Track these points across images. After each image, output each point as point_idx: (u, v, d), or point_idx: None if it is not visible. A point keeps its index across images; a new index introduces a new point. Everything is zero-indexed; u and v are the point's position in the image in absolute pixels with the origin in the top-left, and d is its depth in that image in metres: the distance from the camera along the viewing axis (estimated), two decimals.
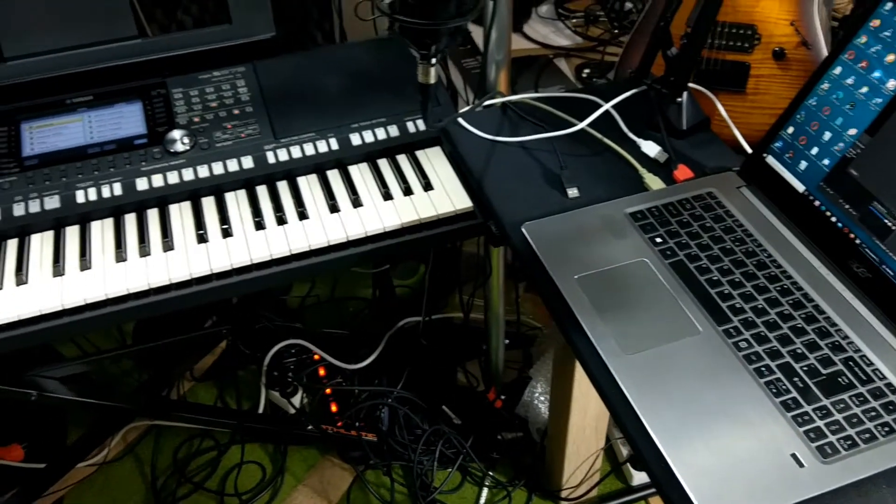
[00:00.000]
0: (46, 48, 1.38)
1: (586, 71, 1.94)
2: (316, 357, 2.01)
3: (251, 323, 2.04)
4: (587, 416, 1.54)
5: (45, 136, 1.33)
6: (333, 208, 1.27)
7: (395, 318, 2.12)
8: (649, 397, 0.83)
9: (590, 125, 1.22)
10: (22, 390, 1.44)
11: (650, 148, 1.17)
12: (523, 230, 1.07)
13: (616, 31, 2.02)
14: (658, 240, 1.01)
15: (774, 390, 0.84)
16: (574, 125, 1.22)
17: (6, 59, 1.37)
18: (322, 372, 2.01)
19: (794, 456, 0.78)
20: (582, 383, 1.44)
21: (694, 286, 0.95)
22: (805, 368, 0.86)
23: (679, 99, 1.17)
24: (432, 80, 0.99)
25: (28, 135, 1.32)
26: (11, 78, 1.37)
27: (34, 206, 1.24)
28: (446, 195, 1.29)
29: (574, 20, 2.07)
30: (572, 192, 1.14)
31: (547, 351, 2.02)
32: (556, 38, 2.03)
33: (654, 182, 1.12)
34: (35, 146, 1.31)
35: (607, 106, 1.22)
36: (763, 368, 0.86)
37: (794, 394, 0.83)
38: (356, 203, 1.27)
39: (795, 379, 0.85)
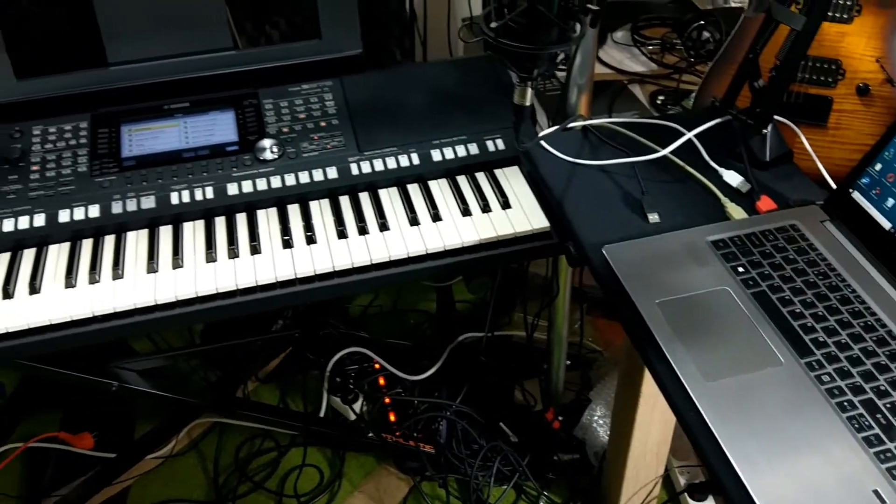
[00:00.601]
0: (148, 56, 1.45)
1: (661, 98, 1.95)
2: (377, 366, 2.05)
3: (317, 329, 2.08)
4: (648, 442, 1.54)
5: (143, 139, 1.39)
6: (413, 221, 1.30)
7: (455, 332, 2.14)
8: (730, 425, 0.84)
9: (672, 152, 1.23)
10: (105, 380, 1.50)
11: (732, 177, 1.18)
12: (604, 252, 1.08)
13: (692, 59, 2.02)
14: (740, 269, 1.02)
15: (857, 425, 0.84)
16: (656, 151, 1.24)
17: (110, 65, 1.44)
18: (382, 381, 2.05)
19: (875, 492, 0.79)
20: (645, 409, 1.45)
21: (776, 317, 0.96)
22: (888, 405, 0.86)
23: (764, 130, 1.18)
24: (528, 103, 1.02)
25: (127, 137, 1.39)
26: (114, 82, 1.44)
27: (131, 205, 1.30)
28: (524, 214, 1.31)
29: (650, 47, 2.09)
30: (653, 218, 1.16)
31: (607, 375, 2.02)
32: (631, 64, 2.05)
33: (736, 211, 1.13)
34: (134, 148, 1.37)
35: (690, 135, 1.23)
36: (845, 403, 0.86)
37: (877, 430, 0.83)
38: (435, 217, 1.31)
39: (878, 415, 0.85)
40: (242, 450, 1.96)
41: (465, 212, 1.32)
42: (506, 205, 1.33)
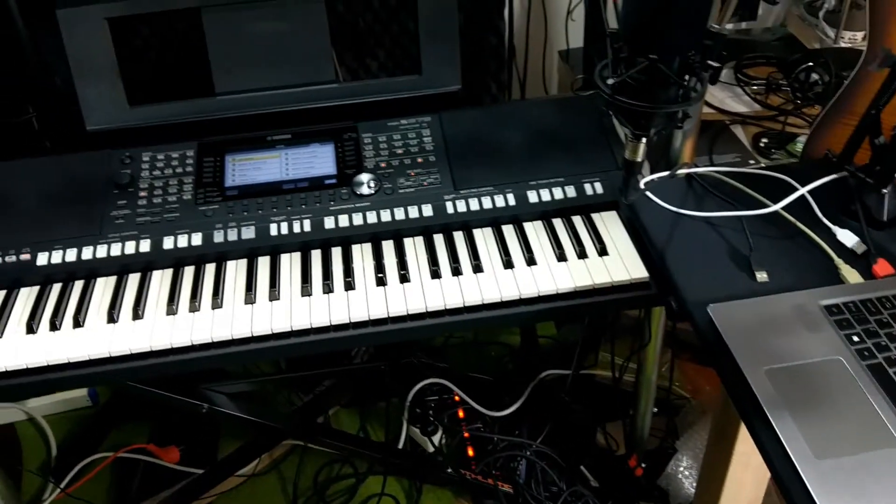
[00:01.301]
0: (253, 87, 1.49)
1: (764, 140, 1.89)
2: (456, 398, 2.04)
3: (399, 357, 2.09)
4: (738, 501, 1.48)
5: (245, 169, 1.42)
6: (508, 264, 1.29)
7: (538, 368, 2.11)
8: None
9: (783, 208, 1.18)
10: (195, 402, 1.54)
11: (847, 237, 1.13)
12: (709, 312, 1.05)
13: (799, 101, 1.95)
14: (855, 338, 0.97)
15: None
16: (766, 206, 1.19)
17: (217, 95, 1.48)
18: (462, 414, 2.03)
19: None
20: (737, 468, 1.39)
21: (893, 393, 0.90)
22: None
23: (883, 190, 1.12)
24: (639, 158, 0.99)
25: (231, 167, 1.42)
26: (220, 112, 1.48)
27: (232, 235, 1.32)
28: (621, 262, 1.28)
29: (754, 87, 2.02)
30: (761, 277, 1.11)
31: (695, 423, 1.96)
32: (733, 104, 1.99)
33: (851, 274, 1.07)
34: (237, 178, 1.41)
35: (804, 190, 1.18)
36: None
37: None
38: (530, 261, 1.29)
39: None
40: (322, 473, 1.97)
41: (561, 257, 1.30)
42: (603, 252, 1.30)
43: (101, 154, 1.43)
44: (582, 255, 1.30)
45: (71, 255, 1.29)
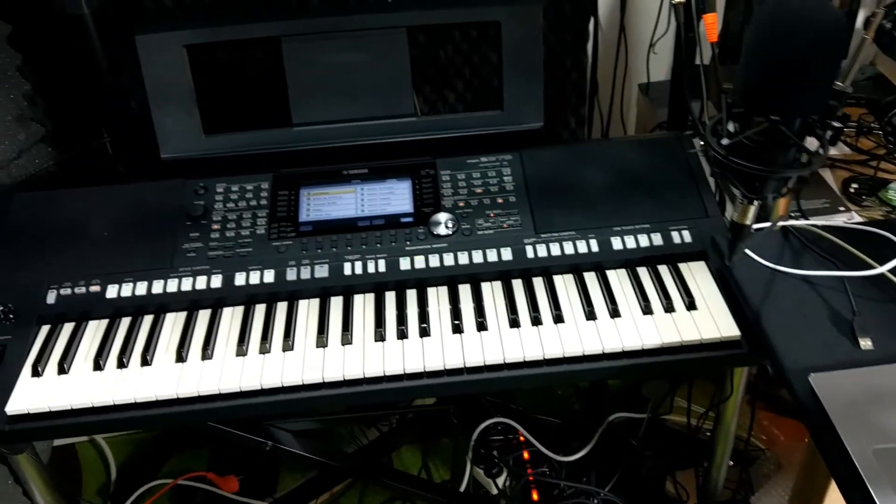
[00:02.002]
0: (331, 118, 1.46)
1: (854, 186, 1.78)
2: (522, 439, 1.97)
3: (465, 396, 2.03)
4: None
5: (320, 204, 1.39)
6: (590, 315, 1.22)
7: (606, 410, 2.03)
8: None
9: (889, 270, 1.09)
10: (259, 440, 1.50)
11: None
12: (811, 382, 0.97)
13: (891, 146, 1.84)
14: None
15: None
16: (870, 267, 1.10)
17: (294, 125, 1.45)
18: (527, 455, 1.96)
19: None
20: None
21: None
22: None
23: None
24: (749, 222, 0.92)
25: (306, 201, 1.39)
26: (296, 143, 1.45)
27: (305, 273, 1.29)
28: (711, 318, 1.21)
29: (843, 129, 1.92)
30: (865, 344, 1.03)
31: (771, 476, 1.86)
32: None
33: None
34: (311, 213, 1.37)
35: None
36: None
37: None
38: (614, 313, 1.22)
39: None
40: None
41: (647, 310, 1.23)
42: (691, 305, 1.23)
43: (175, 183, 1.41)
44: (669, 308, 1.23)
45: (141, 288, 1.27)
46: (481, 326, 1.21)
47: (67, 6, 1.38)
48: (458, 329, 1.21)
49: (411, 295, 1.28)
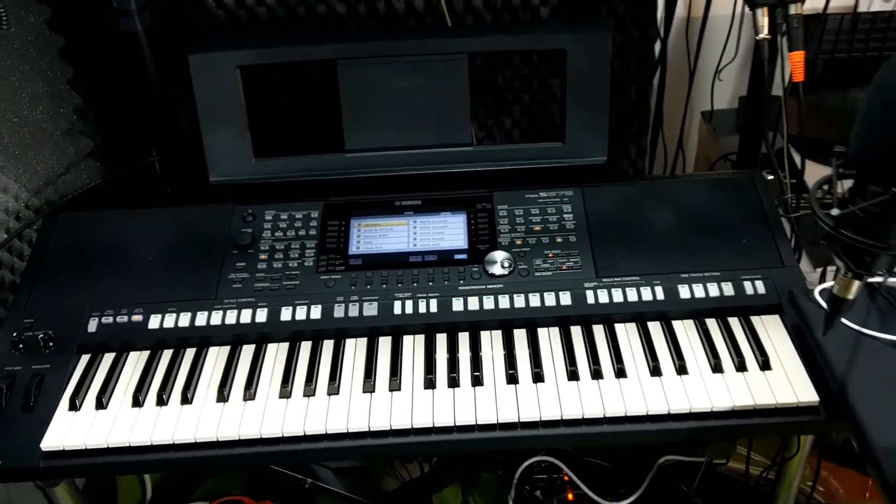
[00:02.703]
0: (385, 145, 1.40)
1: None
2: (566, 478, 1.88)
3: None
4: None
5: (371, 235, 1.33)
6: (655, 371, 1.14)
7: (656, 451, 1.94)
8: None
9: None
10: (298, 476, 1.45)
11: None
12: None
13: None
14: None
15: None
16: None
17: (347, 152, 1.40)
18: (571, 497, 1.88)
19: None
20: None
21: None
22: None
23: None
24: (851, 297, 0.84)
25: (356, 232, 1.33)
26: (349, 170, 1.40)
27: (353, 310, 1.23)
28: (787, 380, 1.12)
29: None
30: None
31: None
32: None
33: None
34: (361, 245, 1.31)
35: None
36: None
37: None
38: (681, 370, 1.14)
39: None
40: None
41: (716, 368, 1.14)
42: (765, 365, 1.14)
43: (223, 209, 1.37)
44: (741, 367, 1.14)
45: (184, 319, 1.22)
46: (537, 377, 1.14)
47: (121, 24, 1.34)
48: (512, 379, 1.14)
49: (463, 339, 1.21)
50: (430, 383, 1.14)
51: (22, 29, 1.42)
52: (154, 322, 1.22)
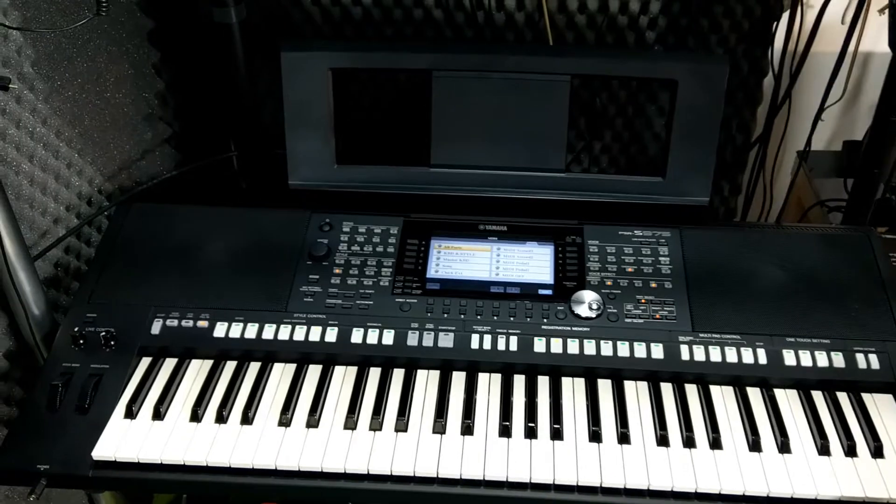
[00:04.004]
0: (472, 163, 1.32)
1: None
2: None
3: None
4: None
5: (451, 259, 1.25)
6: (755, 446, 1.04)
7: None
8: None
9: None
10: None
11: None
12: None
13: None
14: None
15: None
16: None
17: (432, 166, 1.32)
18: None
19: None
20: None
21: None
22: None
23: None
24: None
25: (436, 254, 1.26)
26: (431, 186, 1.33)
27: (427, 340, 1.15)
28: None
29: None
30: None
31: None
32: None
33: None
34: (440, 269, 1.24)
35: None
36: None
37: None
38: (783, 448, 1.04)
39: None
40: None
41: (823, 449, 1.04)
42: (877, 452, 1.03)
43: (301, 215, 1.30)
44: (850, 451, 1.04)
45: (251, 330, 1.16)
46: (623, 438, 1.05)
47: (216, 15, 1.29)
48: (596, 437, 1.05)
49: (543, 384, 1.13)
50: (504, 431, 1.06)
51: (114, 9, 1.37)
52: (220, 330, 1.16)
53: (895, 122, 1.33)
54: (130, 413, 1.07)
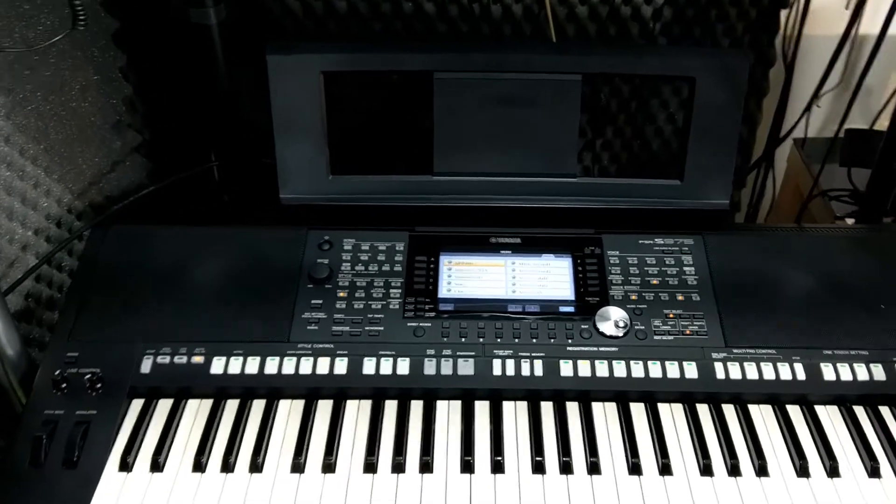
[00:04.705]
0: (478, 170, 1.24)
1: None
2: None
3: None
4: None
5: (463, 276, 1.16)
6: (802, 471, 0.98)
7: None
8: None
9: None
10: None
11: None
12: None
13: None
14: None
15: None
16: None
17: (435, 174, 1.23)
18: None
19: None
20: None
21: None
22: None
23: None
24: None
25: (446, 271, 1.17)
26: (436, 196, 1.24)
27: (446, 367, 1.07)
28: None
29: None
30: None
31: None
32: None
33: None
34: (452, 287, 1.15)
35: None
36: None
37: None
38: (832, 471, 0.98)
39: None
40: None
41: (873, 472, 0.98)
42: None
43: (297, 233, 1.20)
44: None
45: (252, 365, 1.06)
46: (665, 469, 0.98)
47: (192, 15, 1.17)
48: (636, 469, 0.98)
49: (573, 411, 1.05)
50: (538, 467, 0.98)
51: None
52: (217, 366, 1.05)
53: None
54: (125, 465, 0.97)
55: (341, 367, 1.06)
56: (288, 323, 1.10)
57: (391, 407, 1.05)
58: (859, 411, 1.06)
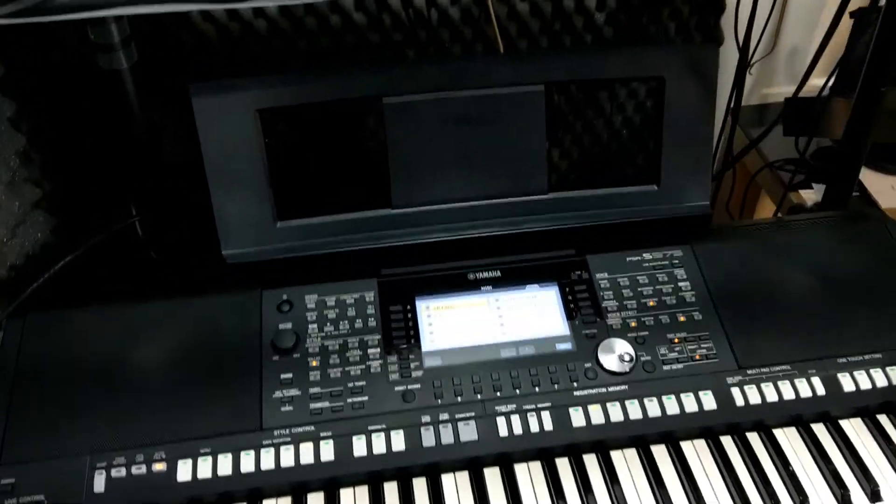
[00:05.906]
0: (441, 197, 1.12)
1: None
2: None
3: None
4: None
5: (446, 322, 1.05)
6: (845, 501, 0.91)
7: None
8: None
9: None
10: None
11: None
12: None
13: None
14: None
15: None
16: None
17: (395, 207, 1.10)
18: None
19: None
20: None
21: None
22: None
23: None
24: None
25: (426, 319, 1.04)
26: (401, 231, 1.11)
27: (446, 435, 0.95)
28: None
29: None
30: None
31: None
32: None
33: None
34: (436, 337, 1.03)
35: None
36: None
37: None
38: (874, 496, 0.91)
39: None
40: None
41: None
42: None
43: (249, 295, 1.05)
44: None
45: (224, 464, 0.91)
46: None
47: (100, 60, 0.99)
48: None
49: (592, 463, 0.95)
50: None
51: None
52: (184, 471, 0.90)
53: (884, 92, 1.20)
54: None
55: (328, 451, 0.93)
56: (257, 406, 0.95)
57: (392, 490, 0.93)
58: (884, 421, 1.00)
